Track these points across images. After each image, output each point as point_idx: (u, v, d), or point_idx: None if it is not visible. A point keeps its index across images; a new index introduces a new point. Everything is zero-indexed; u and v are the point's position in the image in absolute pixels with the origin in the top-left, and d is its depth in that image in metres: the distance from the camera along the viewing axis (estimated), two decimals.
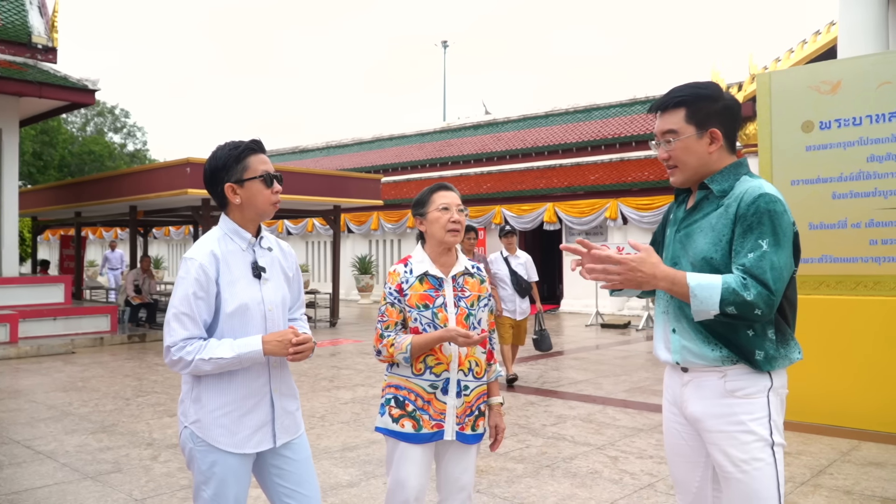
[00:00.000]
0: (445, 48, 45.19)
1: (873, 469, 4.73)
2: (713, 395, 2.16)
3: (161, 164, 12.93)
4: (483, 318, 2.81)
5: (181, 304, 2.31)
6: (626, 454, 5.14)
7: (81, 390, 7.71)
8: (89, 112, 43.50)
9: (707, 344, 2.14)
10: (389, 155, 24.76)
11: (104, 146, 40.06)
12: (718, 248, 2.12)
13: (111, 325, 12.23)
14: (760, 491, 2.08)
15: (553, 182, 17.88)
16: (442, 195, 2.79)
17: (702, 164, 2.20)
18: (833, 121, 6.04)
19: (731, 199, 2.15)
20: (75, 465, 4.92)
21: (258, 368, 2.39)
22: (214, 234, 2.44)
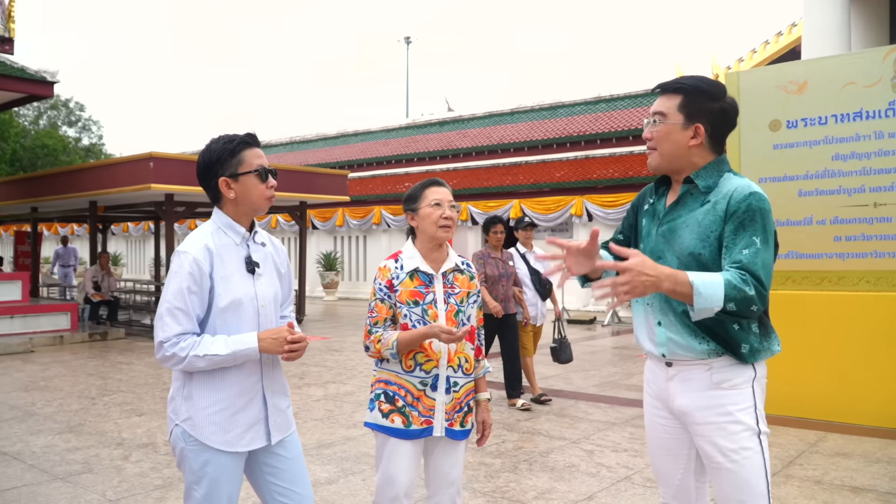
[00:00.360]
0: (408, 44, 45.12)
1: (841, 459, 4.86)
2: (700, 387, 2.19)
3: (123, 159, 12.67)
4: (472, 314, 2.82)
5: (174, 299, 2.25)
6: (601, 448, 5.20)
7: (44, 390, 7.52)
8: (42, 105, 42.40)
9: (694, 337, 2.17)
10: (355, 151, 24.63)
11: (58, 140, 39.10)
12: (706, 244, 2.15)
13: (71, 323, 11.95)
14: (750, 479, 2.12)
15: (519, 179, 17.97)
16: (434, 191, 2.78)
17: (678, 154, 2.22)
18: (799, 120, 6.18)
19: (718, 195, 2.17)
20: (43, 466, 4.80)
21: (251, 366, 2.36)
22: (208, 228, 2.39)
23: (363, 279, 20.94)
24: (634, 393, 7.23)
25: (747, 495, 2.13)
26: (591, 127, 19.07)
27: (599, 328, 13.43)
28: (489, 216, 7.04)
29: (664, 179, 2.37)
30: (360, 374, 8.37)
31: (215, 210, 2.43)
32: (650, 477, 4.51)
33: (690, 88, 2.22)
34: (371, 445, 5.24)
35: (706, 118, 2.21)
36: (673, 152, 2.23)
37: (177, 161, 12.02)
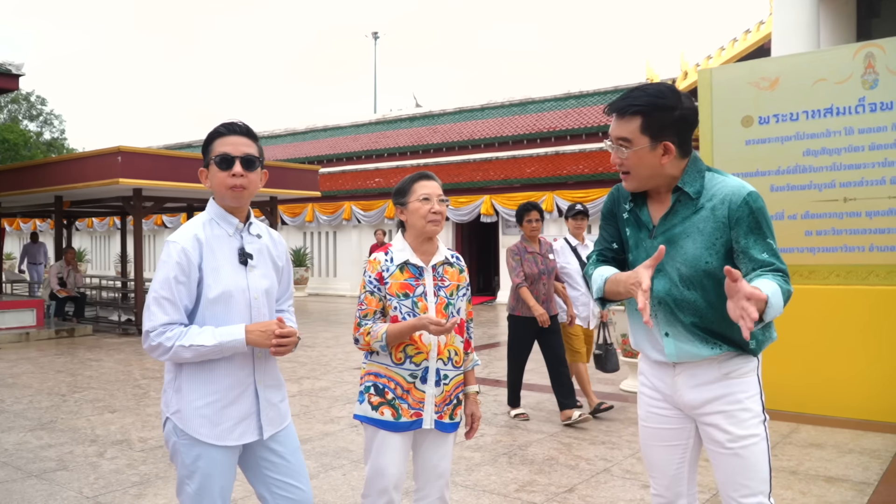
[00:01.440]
0: (376, 39, 44.96)
1: (814, 450, 4.96)
2: (709, 380, 2.23)
3: (90, 153, 12.41)
4: (462, 307, 2.83)
5: (162, 288, 2.24)
6: (578, 441, 5.25)
7: (12, 387, 7.36)
8: (2, 99, 41.39)
9: (705, 344, 2.20)
10: (324, 146, 24.46)
11: (19, 134, 38.19)
12: (713, 252, 2.15)
13: (37, 320, 11.70)
14: (756, 464, 2.18)
15: (490, 175, 18.01)
16: (423, 185, 2.77)
17: (653, 174, 2.21)
18: (771, 116, 6.29)
19: (713, 200, 2.17)
20: (17, 464, 4.70)
21: (242, 359, 2.33)
22: (200, 219, 2.37)
23: (333, 275, 20.83)
24: (610, 387, 7.30)
25: (753, 480, 2.18)
26: (560, 123, 19.19)
27: None
28: (523, 204, 6.07)
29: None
30: (333, 369, 8.33)
31: (210, 201, 2.42)
32: (629, 469, 4.56)
33: (647, 108, 2.15)
34: (349, 440, 5.23)
35: (671, 132, 2.17)
36: (649, 174, 2.21)
37: (145, 155, 11.83)
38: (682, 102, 2.19)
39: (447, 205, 2.81)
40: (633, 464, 4.66)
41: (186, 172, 12.09)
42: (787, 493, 4.10)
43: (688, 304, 2.19)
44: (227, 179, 2.31)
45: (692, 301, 2.18)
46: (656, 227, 2.26)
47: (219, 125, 2.38)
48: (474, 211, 17.79)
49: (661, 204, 2.27)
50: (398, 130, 23.31)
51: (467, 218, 18.04)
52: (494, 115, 21.33)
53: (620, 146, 2.20)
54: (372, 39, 45.14)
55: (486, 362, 8.94)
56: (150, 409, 6.35)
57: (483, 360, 9.16)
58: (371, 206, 19.38)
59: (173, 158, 12.52)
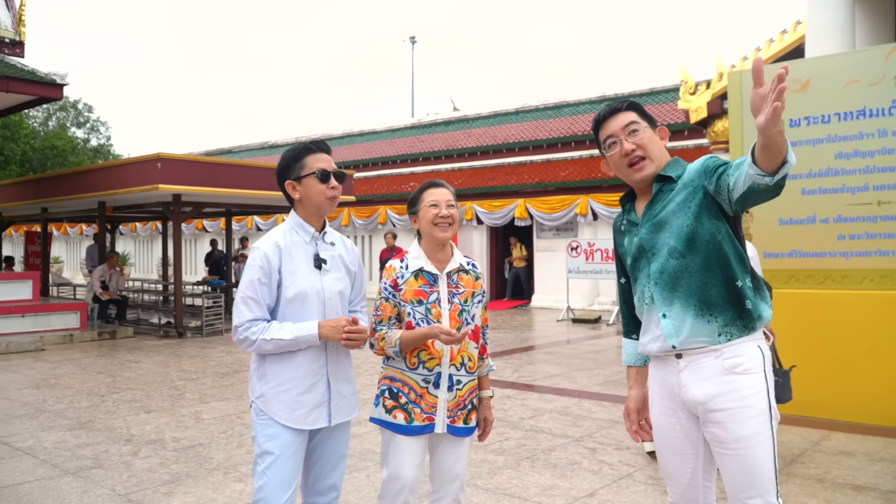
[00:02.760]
0: (413, 44, 45.19)
1: (843, 458, 4.89)
2: (713, 374, 2.23)
3: (131, 160, 12.76)
4: (477, 313, 2.87)
5: (247, 289, 2.55)
6: (603, 445, 5.24)
7: (55, 387, 7.61)
8: (51, 106, 42.54)
9: (702, 317, 2.23)
10: (360, 151, 24.70)
11: (67, 141, 39.21)
12: (689, 215, 2.25)
13: (81, 322, 12.05)
14: (761, 464, 2.17)
15: (524, 178, 18.00)
16: (431, 192, 2.84)
17: (662, 155, 2.38)
18: (802, 118, 6.21)
19: (684, 177, 2.32)
20: (55, 462, 4.88)
21: (316, 351, 2.60)
22: (283, 227, 2.67)
23: (368, 278, 21.01)
24: None
25: (757, 481, 2.17)
26: None
27: (605, 327, 13.45)
28: None
29: (628, 196, 2.51)
30: (364, 372, 8.43)
31: (291, 211, 2.72)
32: (652, 475, 4.55)
33: (634, 105, 2.42)
34: (376, 443, 5.30)
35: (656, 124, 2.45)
36: (660, 154, 2.37)
37: (184, 162, 12.11)
38: None
39: (457, 208, 2.86)
40: (656, 469, 4.64)
41: (224, 178, 12.35)
42: (811, 500, 4.06)
43: (680, 275, 2.26)
44: (327, 191, 2.62)
45: (685, 268, 2.25)
46: (642, 217, 2.38)
47: (308, 143, 2.67)
48: (508, 214, 17.78)
49: (647, 198, 2.41)
50: (433, 135, 23.42)
51: (501, 221, 18.04)
52: (529, 118, 21.30)
53: (632, 130, 2.35)
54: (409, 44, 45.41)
55: (516, 366, 8.96)
56: (185, 409, 6.51)
57: (514, 364, 9.18)
58: (406, 210, 19.48)
59: (211, 164, 12.78)
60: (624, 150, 2.35)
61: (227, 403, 6.77)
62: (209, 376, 8.28)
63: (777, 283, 6.25)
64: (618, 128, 2.36)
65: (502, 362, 9.30)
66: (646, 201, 2.39)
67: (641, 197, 2.44)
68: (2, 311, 11.13)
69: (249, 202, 14.87)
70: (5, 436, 5.57)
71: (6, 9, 11.76)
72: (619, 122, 2.37)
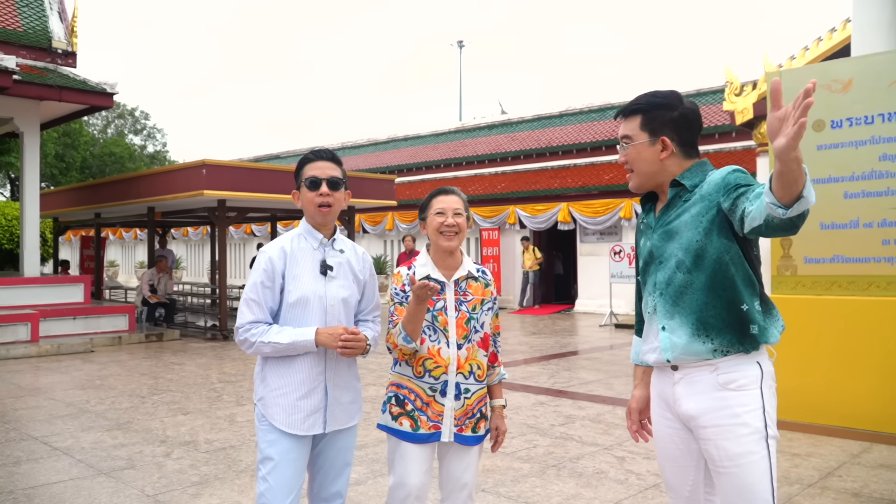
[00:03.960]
0: (461, 48, 45.27)
1: (883, 471, 4.71)
2: (706, 389, 2.19)
3: (178, 166, 13.08)
4: (486, 321, 2.83)
5: (250, 291, 2.61)
6: (633, 454, 5.16)
7: (99, 388, 7.84)
8: (110, 114, 44.03)
9: (698, 338, 2.18)
10: (404, 155, 24.85)
11: (124, 148, 40.55)
12: (700, 230, 2.19)
13: (129, 325, 12.39)
14: (755, 485, 2.10)
15: (567, 182, 17.86)
16: (439, 200, 2.81)
17: (653, 169, 2.31)
18: (844, 119, 6.01)
19: (703, 187, 2.23)
20: (90, 462, 5.02)
21: (315, 358, 2.61)
22: (292, 232, 2.72)
23: None
24: None
25: (751, 502, 2.11)
26: None
27: None
28: None
29: (649, 197, 2.44)
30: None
31: (302, 218, 2.76)
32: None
33: (646, 106, 2.31)
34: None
35: (669, 129, 2.28)
36: (648, 169, 2.31)
37: (228, 168, 12.36)
38: (683, 104, 2.31)
39: (466, 217, 2.82)
40: None
41: (268, 183, 12.57)
42: None
43: (685, 289, 2.21)
44: (316, 198, 2.64)
45: (689, 284, 2.20)
46: (656, 221, 2.34)
47: (308, 152, 2.72)
48: (552, 218, 17.66)
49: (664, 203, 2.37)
50: (477, 139, 23.42)
51: (544, 226, 17.93)
52: (573, 121, 21.14)
53: (624, 144, 2.35)
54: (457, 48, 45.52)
55: (552, 372, 8.88)
56: (221, 411, 6.63)
57: (550, 369, 9.10)
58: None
59: (255, 170, 13.01)
60: (619, 160, 2.42)
61: None
62: (248, 379, 8.42)
63: (818, 289, 6.07)
64: (619, 136, 2.38)
65: (539, 368, 9.23)
66: (663, 202, 2.35)
67: (661, 199, 2.38)
68: (54, 314, 11.52)
69: (294, 207, 15.10)
70: (47, 435, 5.76)
71: (59, 21, 12.19)
72: (621, 130, 2.37)
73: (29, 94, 11.32)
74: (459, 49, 45.14)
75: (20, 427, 6.06)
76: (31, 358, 10.27)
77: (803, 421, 5.92)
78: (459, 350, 2.73)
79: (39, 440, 5.61)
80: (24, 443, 5.54)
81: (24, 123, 12.15)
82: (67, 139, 34.87)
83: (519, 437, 5.66)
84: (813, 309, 6.06)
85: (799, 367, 6.08)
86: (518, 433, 5.77)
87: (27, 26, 12.07)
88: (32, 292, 11.73)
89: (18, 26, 12.02)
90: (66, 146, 34.97)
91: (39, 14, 12.26)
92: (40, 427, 6.06)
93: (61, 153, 34.57)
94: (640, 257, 2.45)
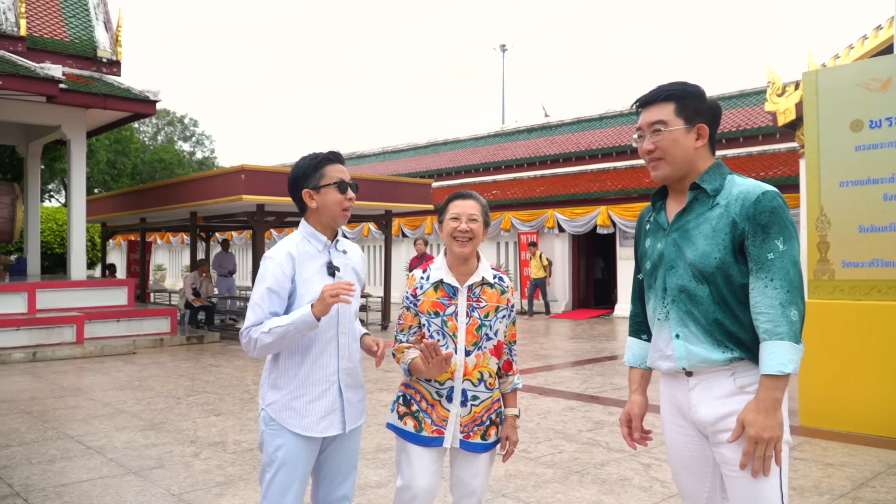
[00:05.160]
0: (504, 52, 45.21)
1: None
2: (723, 394, 2.14)
3: (218, 172, 13.34)
4: (500, 329, 2.77)
5: (256, 296, 2.58)
6: (659, 461, 5.07)
7: (137, 389, 8.02)
8: (160, 121, 45.12)
9: (717, 347, 2.12)
10: (444, 160, 24.90)
11: (174, 154, 41.45)
12: (720, 247, 2.12)
13: (171, 327, 12.66)
14: (765, 490, 2.06)
15: (607, 185, 17.68)
16: (455, 204, 2.77)
17: (687, 158, 2.20)
18: (884, 119, 5.84)
19: (728, 198, 2.15)
20: (121, 461, 5.13)
21: (327, 359, 2.62)
22: (295, 237, 2.69)
23: None
24: None
25: None
26: None
27: None
28: None
29: (659, 194, 2.35)
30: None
31: (302, 221, 2.72)
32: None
33: (681, 93, 2.21)
34: None
35: (704, 118, 2.21)
36: (683, 157, 2.20)
37: (266, 173, 12.54)
38: (710, 98, 2.25)
39: (481, 223, 2.75)
40: None
41: None
42: None
43: (701, 299, 2.14)
44: (345, 202, 2.63)
45: (704, 296, 2.14)
46: (671, 223, 2.25)
47: (328, 153, 2.66)
48: (591, 222, 17.50)
49: (679, 203, 2.27)
50: (517, 142, 23.35)
51: (583, 229, 17.77)
52: (613, 123, 20.92)
53: (655, 129, 2.21)
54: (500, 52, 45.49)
55: (586, 377, 8.79)
56: (252, 413, 6.72)
57: (584, 374, 9.01)
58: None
59: None
60: (643, 148, 2.27)
61: None
62: None
63: (857, 294, 5.89)
64: (645, 123, 2.25)
65: (572, 373, 9.14)
66: (678, 205, 2.26)
67: (674, 197, 2.29)
68: (99, 316, 11.83)
69: None
70: (83, 434, 5.91)
71: (105, 31, 12.54)
72: (648, 117, 2.24)
73: (75, 102, 11.68)
74: (502, 53, 45.11)
75: (58, 426, 6.24)
76: (75, 359, 10.56)
77: (839, 430, 5.76)
78: (468, 357, 2.70)
79: (75, 439, 5.77)
80: (60, 441, 5.69)
81: (71, 131, 12.52)
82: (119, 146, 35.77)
83: (545, 442, 5.61)
84: (851, 314, 5.88)
85: (836, 375, 5.91)
86: (544, 438, 5.72)
87: (74, 36, 12.45)
88: (78, 295, 12.06)
89: (65, 36, 12.41)
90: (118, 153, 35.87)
91: (85, 24, 12.64)
92: (77, 426, 6.22)
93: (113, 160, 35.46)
94: (645, 258, 2.36)
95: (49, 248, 23.29)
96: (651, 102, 2.24)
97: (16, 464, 5.07)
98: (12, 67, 10.52)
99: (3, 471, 4.90)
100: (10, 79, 10.31)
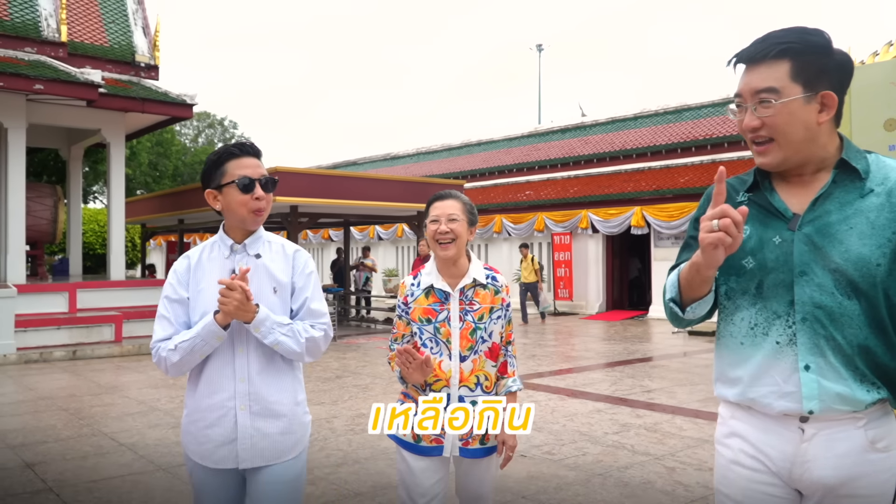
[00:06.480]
0: (540, 52, 45.03)
1: None
2: (854, 450, 1.66)
3: None
4: (495, 330, 2.66)
5: (160, 307, 2.33)
6: (684, 465, 5.02)
7: (171, 387, 8.19)
8: (200, 124, 45.97)
9: (862, 384, 1.64)
10: (477, 160, 24.91)
11: None
12: (883, 250, 1.62)
13: None
14: None
15: (641, 185, 17.52)
16: (435, 206, 2.66)
17: (808, 138, 1.65)
18: None
19: (886, 183, 1.65)
20: (152, 457, 5.25)
21: (222, 381, 2.25)
22: (208, 241, 2.41)
23: None
24: None
25: None
26: (718, 130, 18.28)
27: None
28: None
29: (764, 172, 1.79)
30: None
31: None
32: None
33: (799, 46, 1.62)
34: None
35: (830, 81, 1.64)
36: (803, 138, 1.65)
37: (300, 175, 12.71)
38: (837, 49, 1.66)
39: (461, 223, 2.62)
40: None
41: (339, 189, 12.87)
42: None
43: (848, 320, 1.63)
44: (251, 202, 2.25)
45: (854, 316, 1.63)
46: (803, 214, 1.68)
47: (230, 146, 2.32)
48: (625, 223, 17.35)
49: (804, 188, 1.72)
50: (551, 142, 23.25)
51: (617, 230, 17.63)
52: (647, 123, 20.72)
53: (763, 100, 1.64)
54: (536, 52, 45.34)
55: (615, 379, 8.73)
56: None
57: (614, 376, 8.95)
58: (521, 219, 19.46)
59: (326, 177, 13.33)
60: (746, 124, 1.69)
61: (321, 408, 7.03)
62: (312, 381, 8.62)
63: None
64: (749, 90, 1.67)
65: (602, 375, 9.09)
66: (800, 188, 1.72)
67: (792, 181, 1.74)
68: (136, 315, 12.10)
69: (367, 212, 15.40)
70: (116, 431, 6.06)
71: (143, 36, 12.82)
72: (753, 81, 1.66)
73: (114, 105, 11.97)
74: (538, 53, 44.95)
75: (93, 423, 6.41)
76: (113, 357, 10.83)
77: None
78: (463, 362, 2.61)
79: (108, 436, 5.92)
80: (94, 438, 5.85)
81: (110, 134, 12.83)
82: (160, 148, 36.54)
83: (569, 444, 5.60)
84: None
85: None
86: (569, 440, 5.70)
87: (113, 41, 12.76)
88: (117, 295, 12.35)
89: (105, 42, 12.72)
90: (159, 155, 36.64)
91: (124, 29, 12.94)
92: (111, 423, 6.39)
93: (154, 162, 36.25)
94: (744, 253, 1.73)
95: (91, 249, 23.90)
96: (757, 59, 1.66)
97: (51, 459, 5.23)
98: (54, 73, 10.83)
99: (38, 466, 5.06)
100: (51, 83, 10.61)
